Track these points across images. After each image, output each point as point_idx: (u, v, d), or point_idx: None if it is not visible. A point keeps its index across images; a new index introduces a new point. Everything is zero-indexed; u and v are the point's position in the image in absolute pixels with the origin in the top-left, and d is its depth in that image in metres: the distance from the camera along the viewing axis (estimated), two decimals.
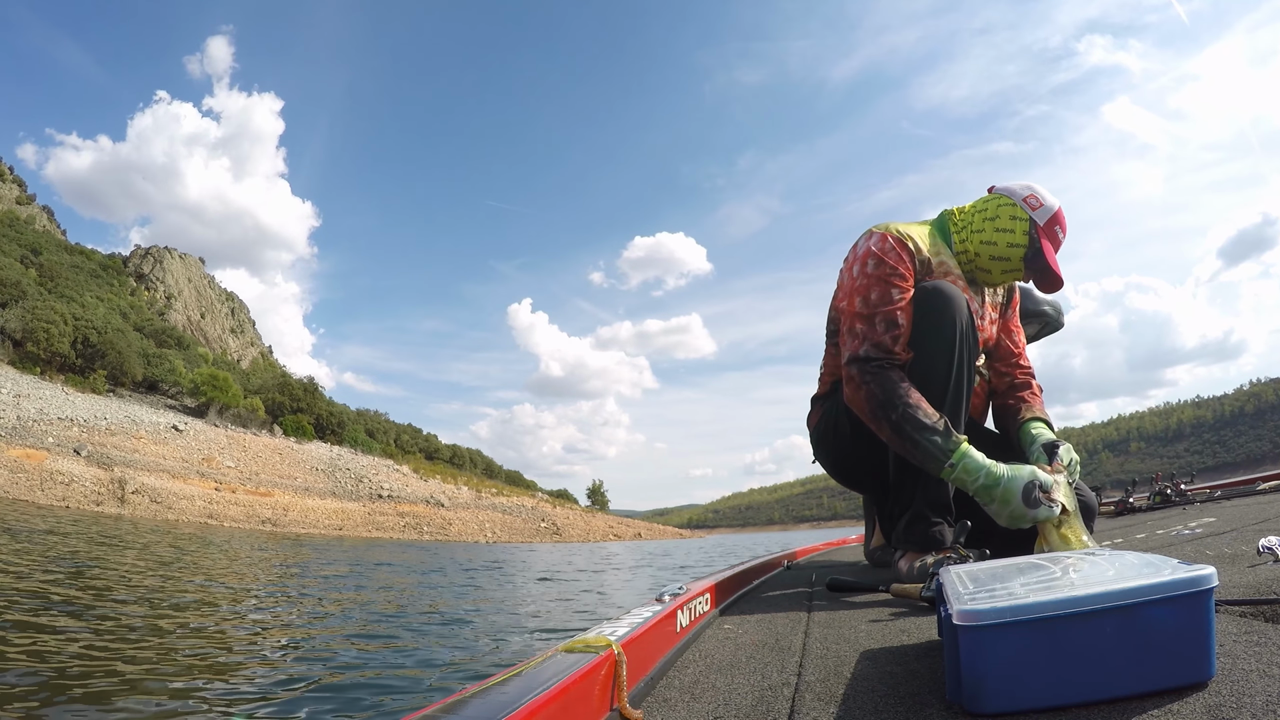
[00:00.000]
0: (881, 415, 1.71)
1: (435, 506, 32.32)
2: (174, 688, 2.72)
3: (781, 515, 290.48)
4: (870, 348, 1.77)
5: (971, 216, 1.94)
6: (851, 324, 1.83)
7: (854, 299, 1.84)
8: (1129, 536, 2.16)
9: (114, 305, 48.88)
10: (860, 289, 1.83)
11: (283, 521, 22.93)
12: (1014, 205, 1.88)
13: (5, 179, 79.08)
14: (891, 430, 1.70)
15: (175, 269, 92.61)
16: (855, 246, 1.94)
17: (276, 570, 8.75)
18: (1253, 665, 0.77)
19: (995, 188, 1.95)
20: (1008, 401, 2.12)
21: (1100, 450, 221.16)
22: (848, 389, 1.82)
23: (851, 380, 1.79)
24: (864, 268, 1.84)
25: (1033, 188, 1.90)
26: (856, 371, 1.78)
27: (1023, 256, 1.86)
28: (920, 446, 1.66)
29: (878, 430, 1.75)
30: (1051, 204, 1.87)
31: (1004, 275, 1.91)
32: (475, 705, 0.70)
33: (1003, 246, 1.87)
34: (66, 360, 31.47)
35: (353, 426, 46.04)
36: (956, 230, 1.93)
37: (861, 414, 1.79)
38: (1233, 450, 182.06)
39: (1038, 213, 1.86)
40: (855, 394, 1.78)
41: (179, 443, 27.38)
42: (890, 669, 0.99)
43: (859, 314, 1.82)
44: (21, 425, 21.86)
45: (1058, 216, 1.87)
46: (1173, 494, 3.20)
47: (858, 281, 1.85)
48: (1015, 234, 1.86)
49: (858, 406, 1.79)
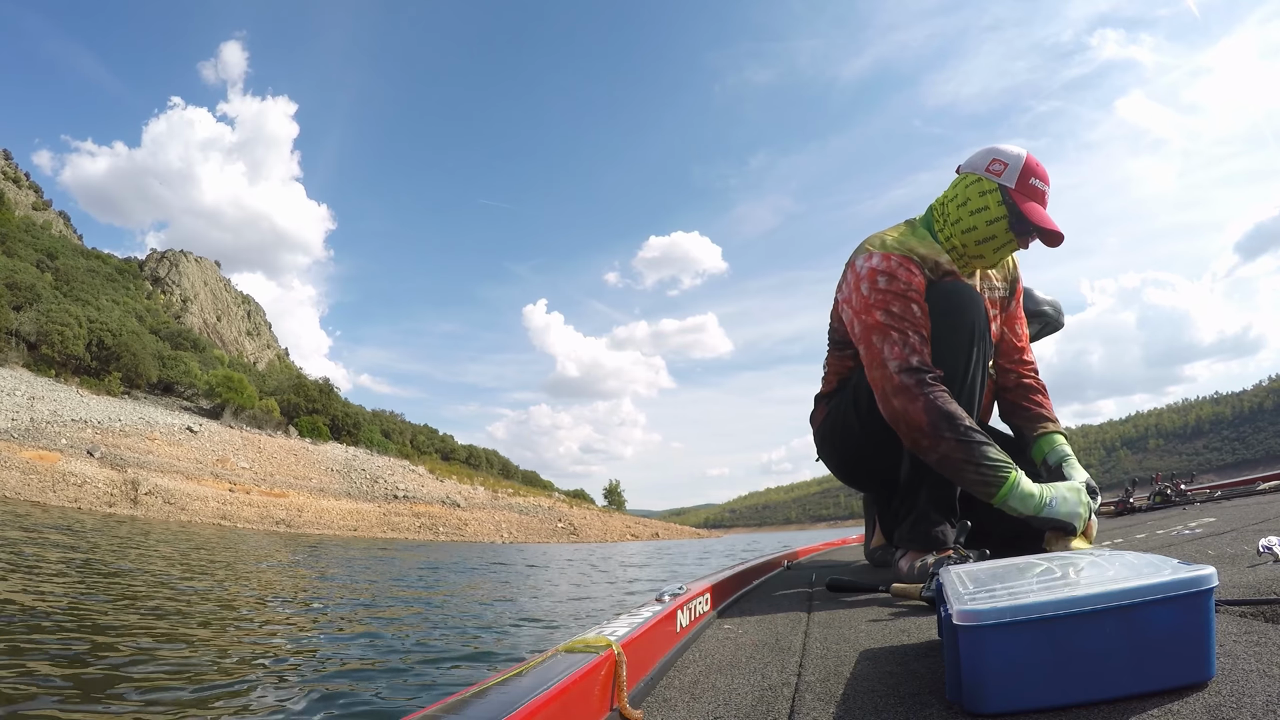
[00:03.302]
0: (945, 426, 1.61)
1: (451, 507, 32.49)
2: (174, 686, 2.75)
3: (798, 514, 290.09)
4: (918, 360, 1.69)
5: (946, 208, 1.87)
6: (883, 332, 1.74)
7: (874, 312, 1.77)
8: (1129, 536, 2.14)
9: (129, 308, 49.47)
10: (879, 303, 1.76)
11: (297, 522, 23.08)
12: (980, 180, 1.81)
13: (22, 185, 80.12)
14: (955, 442, 1.60)
15: (191, 272, 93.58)
16: (853, 265, 1.88)
17: (280, 569, 8.81)
18: (1253, 665, 0.77)
19: (960, 166, 1.88)
20: (1020, 402, 2.07)
21: (1119, 448, 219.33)
22: (898, 399, 1.68)
23: (905, 390, 1.67)
24: (874, 284, 1.78)
25: (993, 150, 1.81)
26: (913, 381, 1.67)
27: (1007, 227, 1.78)
28: (980, 470, 1.59)
29: (932, 442, 1.63)
30: (1017, 158, 1.77)
31: (997, 253, 1.85)
32: (476, 705, 0.71)
33: (983, 227, 1.80)
34: (81, 363, 31.86)
35: (368, 427, 46.33)
36: (940, 227, 1.88)
37: (912, 425, 1.66)
38: (1252, 447, 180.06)
39: (1004, 175, 1.77)
40: (909, 404, 1.66)
41: (193, 444, 27.64)
42: (890, 669, 0.99)
43: (886, 324, 1.74)
44: (35, 427, 22.13)
45: (1029, 167, 1.77)
46: (1172, 494, 3.17)
47: (872, 298, 1.78)
48: (990, 209, 1.78)
49: (911, 417, 1.66)
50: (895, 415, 1.70)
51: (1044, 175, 1.79)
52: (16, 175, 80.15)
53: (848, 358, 2.08)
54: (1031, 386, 2.09)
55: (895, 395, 1.69)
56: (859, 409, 1.97)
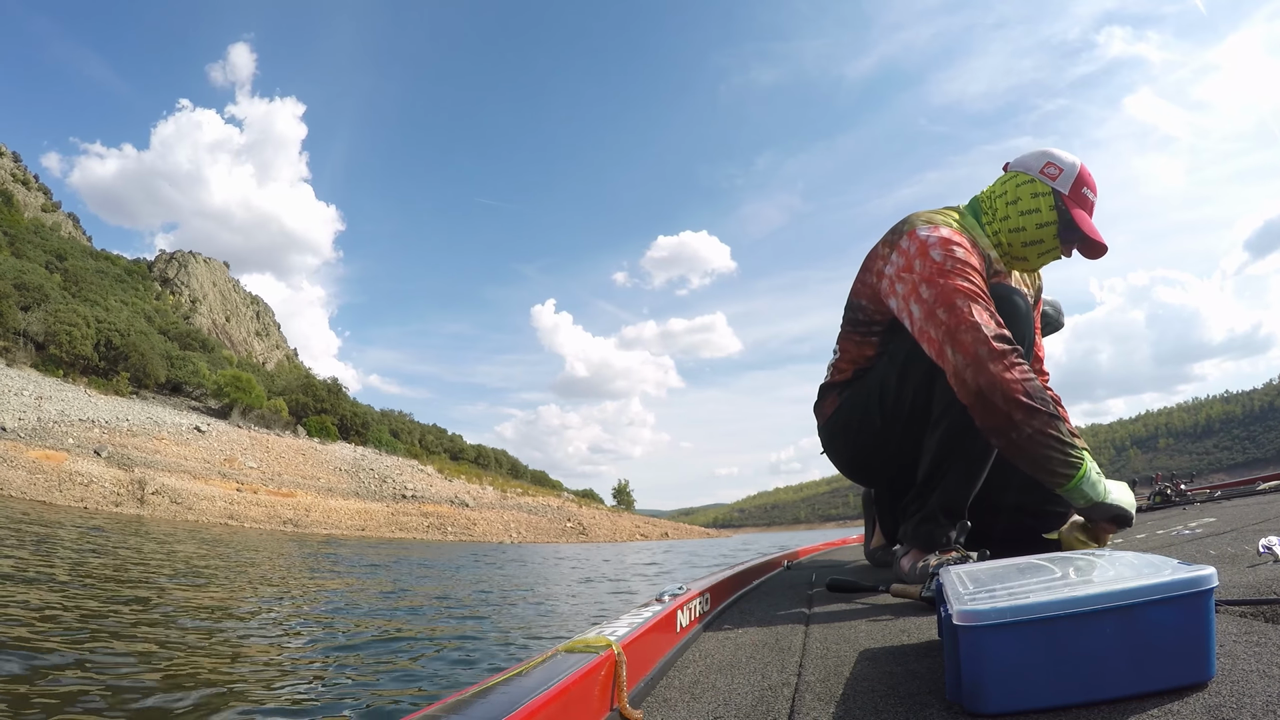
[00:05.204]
0: (1040, 402, 1.48)
1: (460, 507, 32.48)
2: (175, 686, 2.77)
3: (807, 514, 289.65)
4: (1006, 332, 1.55)
5: (994, 203, 1.81)
6: (968, 295, 1.57)
7: (952, 278, 1.60)
8: (1129, 536, 2.12)
9: (138, 309, 49.72)
10: (957, 270, 1.61)
11: (304, 522, 23.14)
12: (1033, 181, 1.75)
13: (31, 187, 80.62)
14: (1048, 417, 1.48)
15: (200, 273, 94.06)
16: (911, 233, 1.72)
17: (285, 569, 8.84)
18: (1253, 665, 0.77)
19: (1010, 164, 1.82)
20: None
21: (1129, 447, 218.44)
22: (996, 365, 1.49)
23: (1004, 356, 1.50)
24: (950, 252, 1.64)
25: (1048, 154, 1.76)
26: (1012, 349, 1.51)
27: (1055, 234, 1.73)
28: (1066, 452, 1.50)
29: (1024, 417, 1.48)
30: (1072, 165, 1.73)
31: (1041, 258, 1.79)
32: (476, 705, 0.71)
33: (1032, 229, 1.75)
34: (89, 363, 32.01)
35: (377, 427, 46.41)
36: (988, 221, 1.82)
37: (1006, 396, 1.48)
38: (1263, 446, 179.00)
39: (1059, 180, 1.72)
40: (1007, 372, 1.49)
41: (201, 444, 27.75)
42: (890, 669, 0.99)
43: (970, 290, 1.58)
44: (42, 427, 22.23)
45: (1082, 177, 1.72)
46: (1173, 494, 3.17)
47: (946, 264, 1.62)
48: (1042, 212, 1.73)
49: (1007, 387, 1.48)
50: (991, 384, 1.49)
51: (1094, 186, 1.75)
52: (25, 177, 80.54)
53: (869, 344, 1.94)
54: (1053, 398, 2.08)
55: (992, 360, 1.50)
56: (884, 400, 1.86)
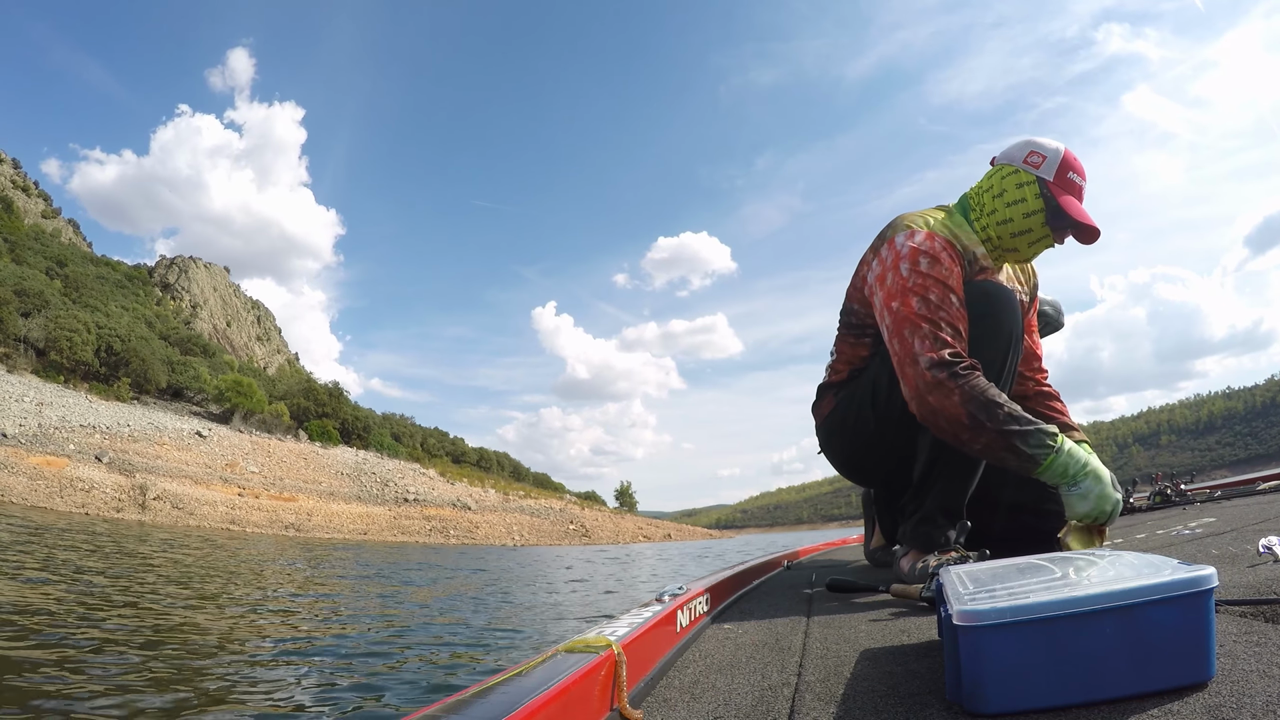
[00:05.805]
0: (984, 416, 1.56)
1: (462, 510, 32.48)
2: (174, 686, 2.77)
3: (810, 514, 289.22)
4: (950, 353, 1.63)
5: (981, 198, 1.84)
6: (914, 324, 1.67)
7: (909, 298, 1.69)
8: (1129, 536, 2.13)
9: (139, 314, 49.78)
10: (916, 289, 1.69)
11: (306, 526, 23.14)
12: (1017, 171, 1.78)
13: (30, 193, 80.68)
14: (996, 432, 1.56)
15: (200, 278, 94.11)
16: (890, 240, 1.79)
17: (286, 572, 8.84)
18: (1253, 665, 0.76)
19: (995, 158, 1.85)
20: (1039, 409, 2.04)
21: (1131, 444, 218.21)
22: (934, 396, 1.61)
23: (940, 386, 1.60)
24: (915, 265, 1.71)
25: (1031, 142, 1.79)
26: (946, 375, 1.60)
27: (1044, 221, 1.76)
28: (1027, 441, 1.55)
29: (973, 434, 1.58)
30: (1055, 151, 1.75)
31: (1032, 248, 1.81)
32: (476, 705, 0.71)
33: (1019, 219, 1.77)
34: (90, 368, 32.05)
35: (378, 431, 46.40)
36: (976, 217, 1.84)
37: (951, 420, 1.60)
38: (1265, 442, 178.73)
39: (1043, 168, 1.75)
40: (946, 399, 1.60)
41: (202, 449, 27.77)
42: (890, 669, 0.99)
43: (921, 315, 1.67)
44: (43, 433, 22.25)
45: (1067, 161, 1.75)
46: (1172, 494, 3.17)
47: (910, 280, 1.70)
48: (1028, 201, 1.76)
49: (948, 412, 1.60)
50: (933, 412, 1.63)
51: (1081, 170, 1.76)
52: (25, 184, 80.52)
53: (864, 345, 2.00)
54: (1049, 393, 2.08)
55: (930, 392, 1.62)
56: (876, 401, 1.90)
